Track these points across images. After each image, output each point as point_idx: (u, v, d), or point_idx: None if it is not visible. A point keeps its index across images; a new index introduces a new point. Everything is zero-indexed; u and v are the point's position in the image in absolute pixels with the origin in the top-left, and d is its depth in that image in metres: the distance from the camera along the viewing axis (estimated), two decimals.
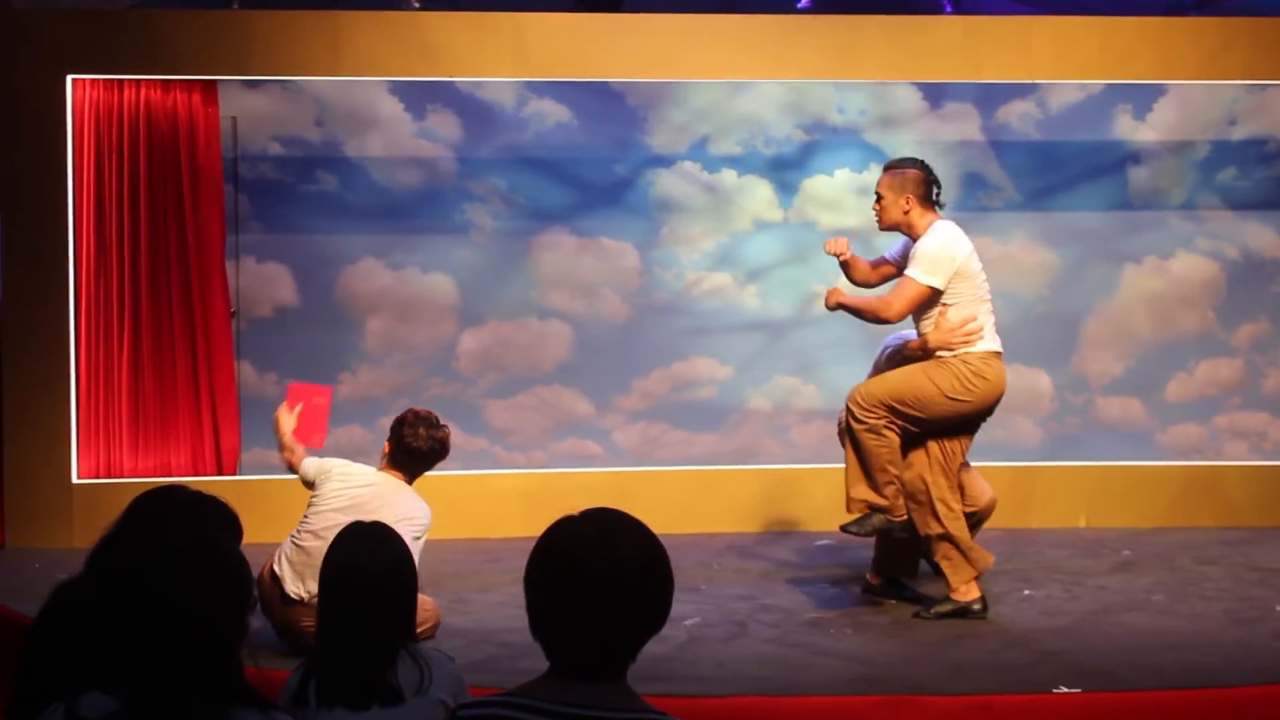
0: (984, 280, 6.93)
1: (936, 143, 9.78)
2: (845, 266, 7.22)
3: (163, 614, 2.70)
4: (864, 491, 6.84)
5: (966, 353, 6.81)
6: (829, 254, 7.16)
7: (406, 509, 6.27)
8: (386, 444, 6.58)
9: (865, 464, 6.84)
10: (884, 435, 6.79)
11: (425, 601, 6.50)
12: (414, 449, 6.48)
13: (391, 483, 6.47)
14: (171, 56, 9.10)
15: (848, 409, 6.89)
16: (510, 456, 9.78)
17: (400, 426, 6.51)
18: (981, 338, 6.84)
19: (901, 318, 6.87)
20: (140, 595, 2.73)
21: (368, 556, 3.92)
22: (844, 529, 6.95)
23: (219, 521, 3.81)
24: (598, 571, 2.70)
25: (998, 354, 6.90)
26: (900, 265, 7.05)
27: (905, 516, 6.89)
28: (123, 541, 3.50)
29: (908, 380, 6.83)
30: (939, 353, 6.84)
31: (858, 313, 7.02)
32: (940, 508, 6.90)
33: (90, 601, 3.29)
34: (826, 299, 6.98)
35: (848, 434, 6.92)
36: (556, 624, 2.72)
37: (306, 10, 9.35)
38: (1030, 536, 9.14)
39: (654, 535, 2.80)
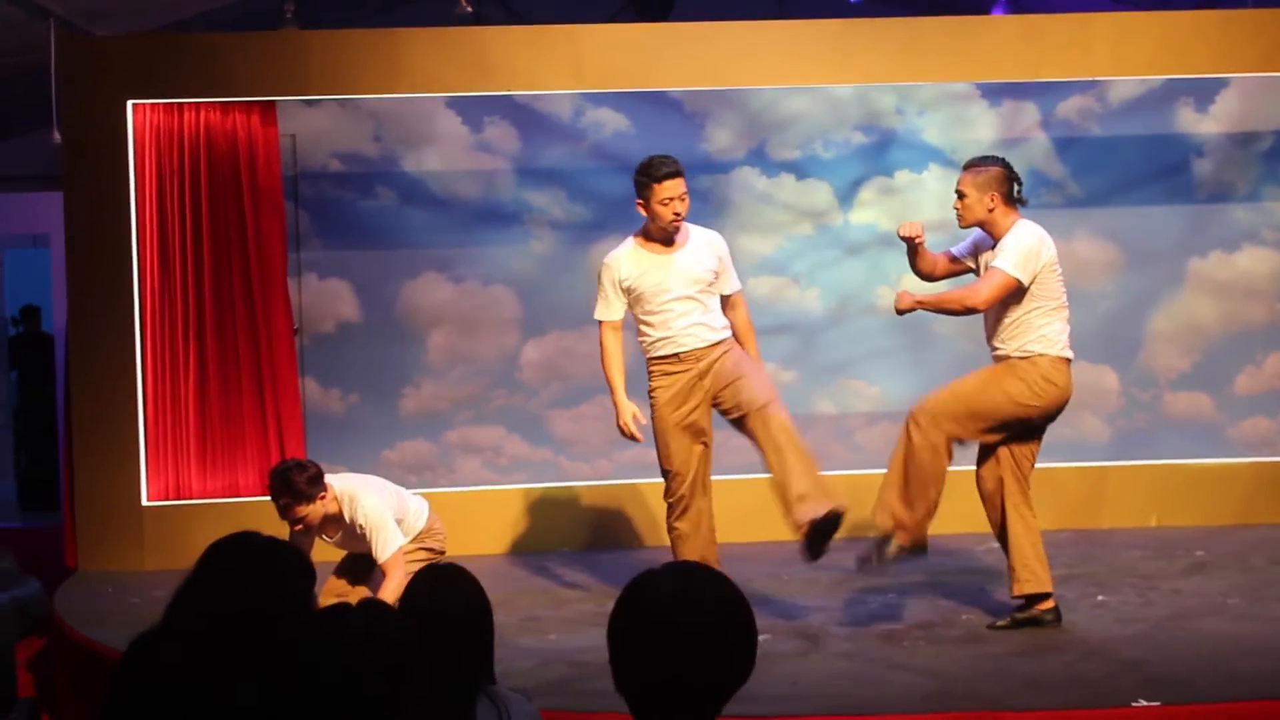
0: (1063, 288, 6.84)
1: (996, 140, 9.72)
2: (913, 253, 7.07)
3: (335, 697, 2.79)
4: (897, 504, 6.76)
5: (1039, 355, 6.73)
6: (903, 236, 6.99)
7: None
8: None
9: (910, 477, 6.75)
10: (941, 455, 6.73)
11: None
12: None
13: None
14: (230, 79, 9.16)
15: (912, 419, 6.78)
16: (574, 467, 9.78)
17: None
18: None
19: (989, 305, 6.70)
20: (312, 678, 2.81)
21: (444, 596, 3.91)
22: (861, 563, 6.92)
23: (295, 569, 3.80)
24: (681, 627, 2.68)
25: (1068, 361, 6.82)
26: (974, 263, 6.99)
27: (925, 541, 6.83)
28: (219, 597, 3.50)
29: (980, 396, 6.75)
30: (1011, 356, 6.77)
31: (939, 308, 6.93)
32: (1012, 513, 6.85)
33: (178, 658, 3.32)
34: (898, 301, 6.85)
35: (905, 443, 6.81)
36: (640, 679, 2.71)
37: (364, 29, 9.38)
38: (1101, 538, 9.09)
39: (737, 588, 2.78)
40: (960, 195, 6.86)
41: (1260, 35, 9.32)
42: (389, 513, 7.01)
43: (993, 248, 6.81)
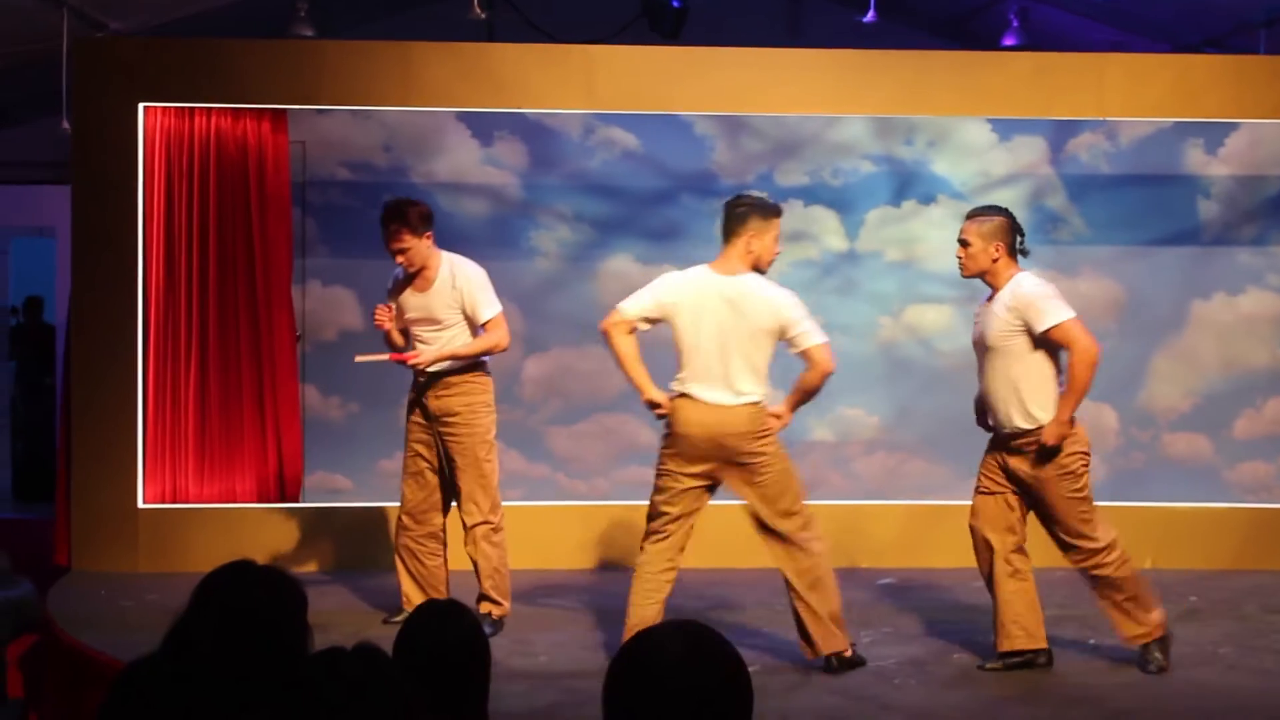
0: None
1: (1005, 174, 9.73)
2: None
3: None
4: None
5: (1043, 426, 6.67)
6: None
7: None
8: None
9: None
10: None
11: None
12: None
13: None
14: (243, 85, 9.16)
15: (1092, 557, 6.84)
16: (572, 484, 9.78)
17: None
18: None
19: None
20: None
21: (444, 635, 3.90)
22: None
23: (291, 597, 3.80)
24: (680, 690, 2.67)
25: None
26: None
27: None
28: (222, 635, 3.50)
29: (1076, 501, 6.78)
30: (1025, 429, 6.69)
31: (1084, 389, 6.58)
32: (1003, 565, 6.83)
33: (173, 685, 3.33)
34: (1049, 438, 6.57)
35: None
36: None
37: (378, 40, 9.38)
38: None
39: (736, 650, 2.77)
40: (964, 244, 6.76)
41: (1274, 82, 9.31)
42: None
43: (989, 300, 6.76)
